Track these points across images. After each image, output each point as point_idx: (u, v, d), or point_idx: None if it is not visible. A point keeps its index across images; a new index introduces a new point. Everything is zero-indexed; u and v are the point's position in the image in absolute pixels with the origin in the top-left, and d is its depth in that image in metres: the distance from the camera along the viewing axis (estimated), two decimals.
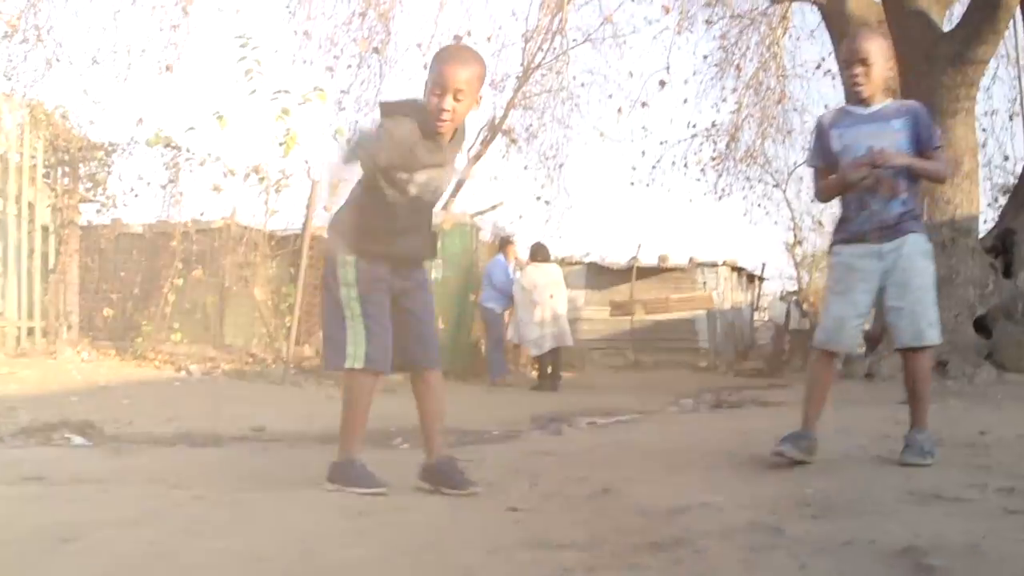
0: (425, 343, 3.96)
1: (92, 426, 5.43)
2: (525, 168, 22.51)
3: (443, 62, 3.68)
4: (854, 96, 4.47)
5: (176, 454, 4.90)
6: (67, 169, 11.16)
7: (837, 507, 3.26)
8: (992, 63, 12.92)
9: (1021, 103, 15.65)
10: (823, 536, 2.82)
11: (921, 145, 4.33)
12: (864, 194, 4.34)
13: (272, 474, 4.27)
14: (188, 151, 11.81)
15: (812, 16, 18.15)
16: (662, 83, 18.44)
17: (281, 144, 11.16)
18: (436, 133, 3.70)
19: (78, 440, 5.18)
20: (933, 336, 4.29)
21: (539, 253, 12.86)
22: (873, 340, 12.71)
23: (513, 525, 3.17)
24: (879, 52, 4.39)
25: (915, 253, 4.31)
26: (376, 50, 16.94)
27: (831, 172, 4.48)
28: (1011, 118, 18.17)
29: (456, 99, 3.64)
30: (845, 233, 4.47)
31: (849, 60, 4.41)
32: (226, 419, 6.78)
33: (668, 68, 18.56)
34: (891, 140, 4.29)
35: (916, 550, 2.56)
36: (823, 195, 4.67)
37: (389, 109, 3.76)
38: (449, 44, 3.92)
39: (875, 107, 4.40)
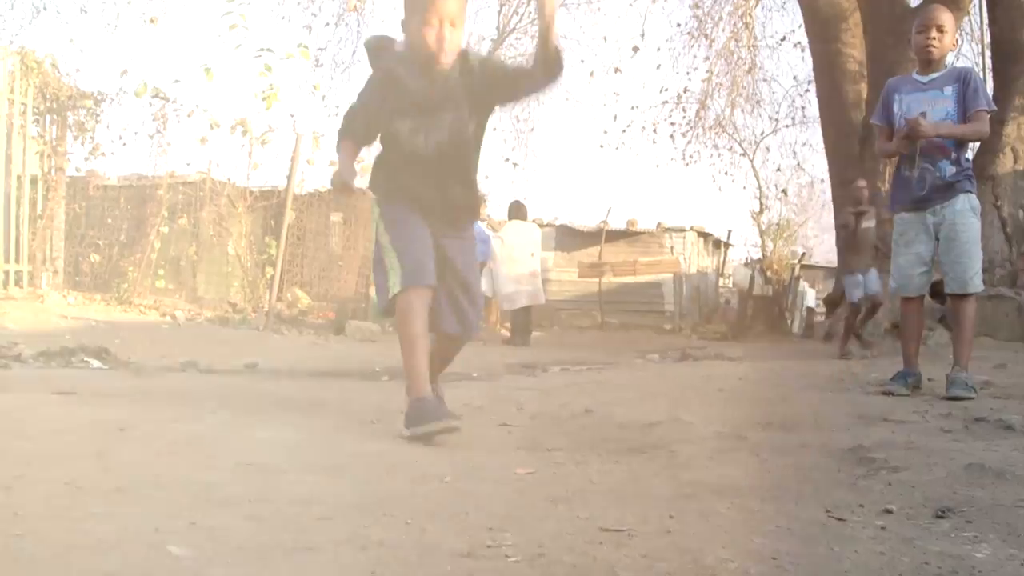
0: (464, 313, 3.76)
1: (107, 352, 5.77)
2: (495, 130, 22.75)
3: None
4: (925, 56, 4.91)
5: (189, 379, 5.26)
6: (55, 117, 11.36)
7: (795, 425, 3.69)
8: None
9: (984, 77, 16.13)
10: (781, 442, 3.25)
11: (967, 107, 4.79)
12: (915, 155, 4.84)
13: (280, 395, 4.62)
14: (175, 102, 12.05)
15: None
16: (635, 49, 18.74)
17: (263, 99, 11.43)
18: (435, 65, 3.49)
19: (95, 363, 5.53)
20: (977, 284, 4.83)
21: (518, 212, 13.23)
22: (832, 303, 13.23)
23: (507, 436, 3.57)
24: (951, 24, 4.93)
25: (965, 210, 4.83)
26: (355, 8, 17.16)
27: (891, 131, 5.00)
28: None
29: (452, 25, 3.46)
30: (904, 199, 4.98)
31: (926, 24, 4.89)
32: (218, 357, 7.11)
33: (643, 35, 18.86)
34: (943, 107, 4.82)
35: (862, 448, 2.99)
36: (881, 154, 5.27)
37: (372, 54, 3.69)
38: None
39: (933, 75, 4.90)
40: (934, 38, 4.86)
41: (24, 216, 10.71)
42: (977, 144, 7.66)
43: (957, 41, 5.17)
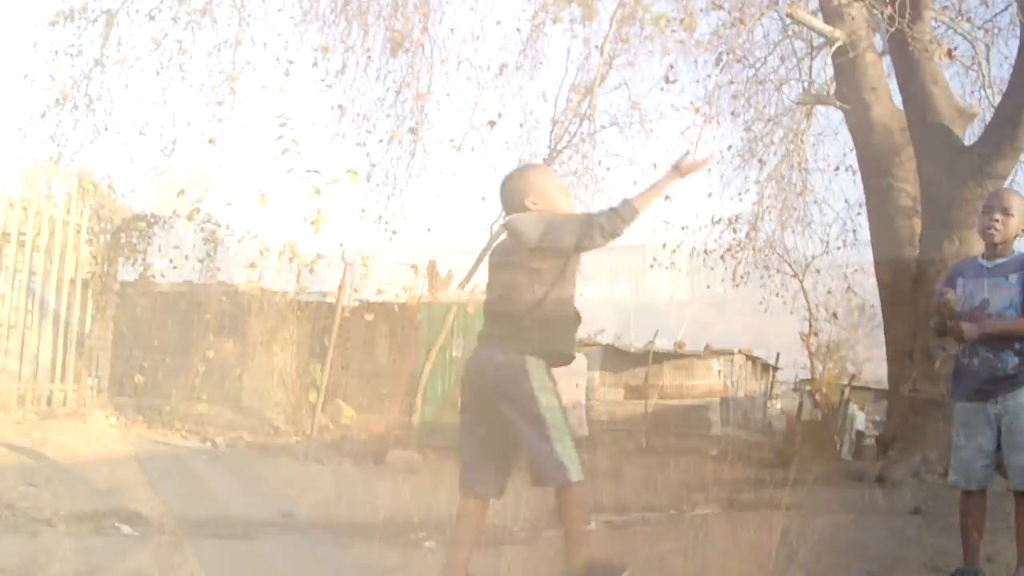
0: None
1: (139, 515, 5.68)
2: None
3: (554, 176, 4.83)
4: (987, 238, 4.87)
5: (222, 549, 5.14)
6: (108, 238, 11.49)
7: None
8: (1011, 180, 12.99)
9: None
10: None
11: None
12: (975, 344, 4.72)
13: (315, 572, 4.48)
14: (227, 227, 12.19)
15: (835, 116, 18.46)
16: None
17: (312, 223, 11.49)
18: None
19: (126, 530, 5.44)
20: None
21: None
22: (884, 444, 12.83)
23: None
24: (1020, 208, 4.80)
25: None
26: (412, 131, 17.29)
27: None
28: None
29: None
30: (964, 389, 4.84)
31: (991, 206, 4.85)
32: (255, 500, 6.99)
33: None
34: (1006, 295, 4.70)
35: None
36: (937, 332, 5.12)
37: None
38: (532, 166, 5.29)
39: (999, 260, 4.80)
40: (997, 220, 4.77)
41: (72, 335, 10.77)
42: None
43: None
